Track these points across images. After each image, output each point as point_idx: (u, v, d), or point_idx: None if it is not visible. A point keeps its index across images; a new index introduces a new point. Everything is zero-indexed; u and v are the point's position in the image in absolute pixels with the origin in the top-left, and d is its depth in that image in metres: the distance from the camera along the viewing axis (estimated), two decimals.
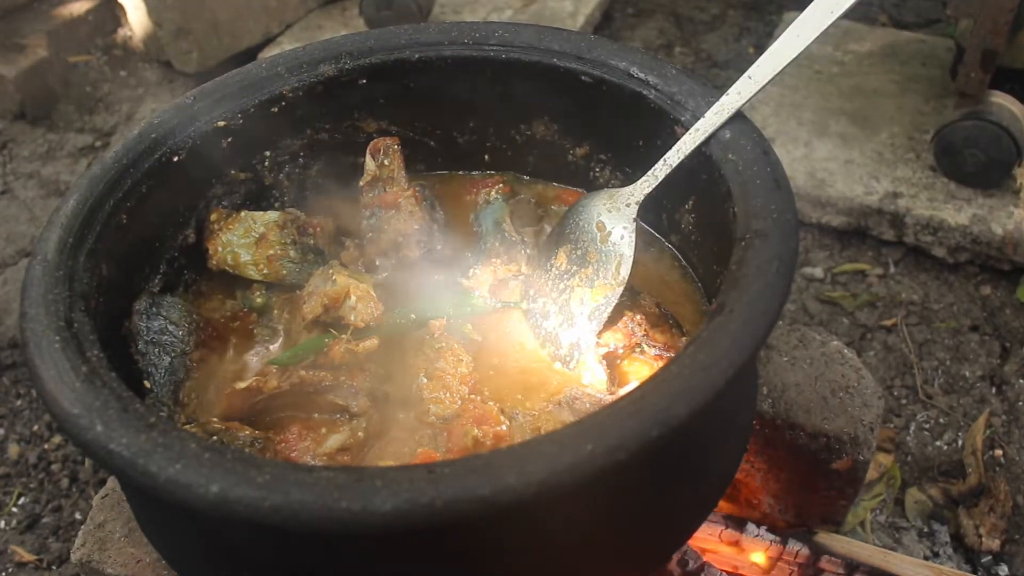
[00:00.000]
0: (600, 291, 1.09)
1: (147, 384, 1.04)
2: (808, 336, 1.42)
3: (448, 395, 1.03)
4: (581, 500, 0.79)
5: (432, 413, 1.02)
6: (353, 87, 1.24)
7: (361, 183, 1.22)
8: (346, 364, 1.05)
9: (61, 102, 2.96)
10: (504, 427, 0.99)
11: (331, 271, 1.12)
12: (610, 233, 1.10)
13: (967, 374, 1.98)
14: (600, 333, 1.08)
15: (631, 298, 1.10)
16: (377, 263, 1.19)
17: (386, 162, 1.20)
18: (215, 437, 0.94)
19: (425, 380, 1.05)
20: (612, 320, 1.08)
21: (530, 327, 1.13)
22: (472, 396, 1.04)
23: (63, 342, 0.86)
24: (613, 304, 1.08)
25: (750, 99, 1.01)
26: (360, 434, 1.00)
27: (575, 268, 1.13)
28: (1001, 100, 2.14)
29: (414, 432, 1.02)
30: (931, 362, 2.01)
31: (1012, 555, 1.66)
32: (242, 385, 1.03)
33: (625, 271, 1.08)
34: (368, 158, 1.22)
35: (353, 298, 1.09)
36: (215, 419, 1.00)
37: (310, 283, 1.13)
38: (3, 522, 1.86)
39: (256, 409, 1.02)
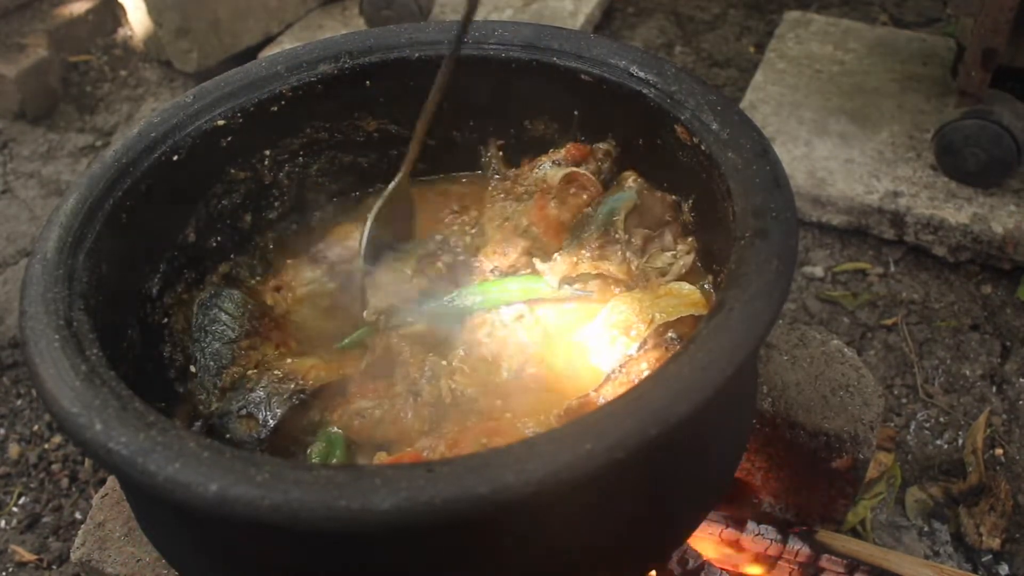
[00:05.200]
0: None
1: (192, 369, 1.09)
2: (808, 335, 1.42)
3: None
4: (580, 499, 0.79)
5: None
6: (353, 86, 1.24)
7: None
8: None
9: (61, 102, 2.96)
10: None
11: None
12: None
13: (967, 373, 1.97)
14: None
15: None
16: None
17: None
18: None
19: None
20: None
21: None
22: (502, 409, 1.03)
23: (62, 341, 0.86)
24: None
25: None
26: (376, 414, 1.02)
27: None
28: (1002, 99, 2.14)
29: (418, 433, 1.02)
30: (931, 361, 2.01)
31: (1013, 554, 1.66)
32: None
33: None
34: None
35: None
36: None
37: None
38: (3, 522, 1.86)
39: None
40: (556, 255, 1.13)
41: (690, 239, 1.13)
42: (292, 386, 1.04)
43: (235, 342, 1.11)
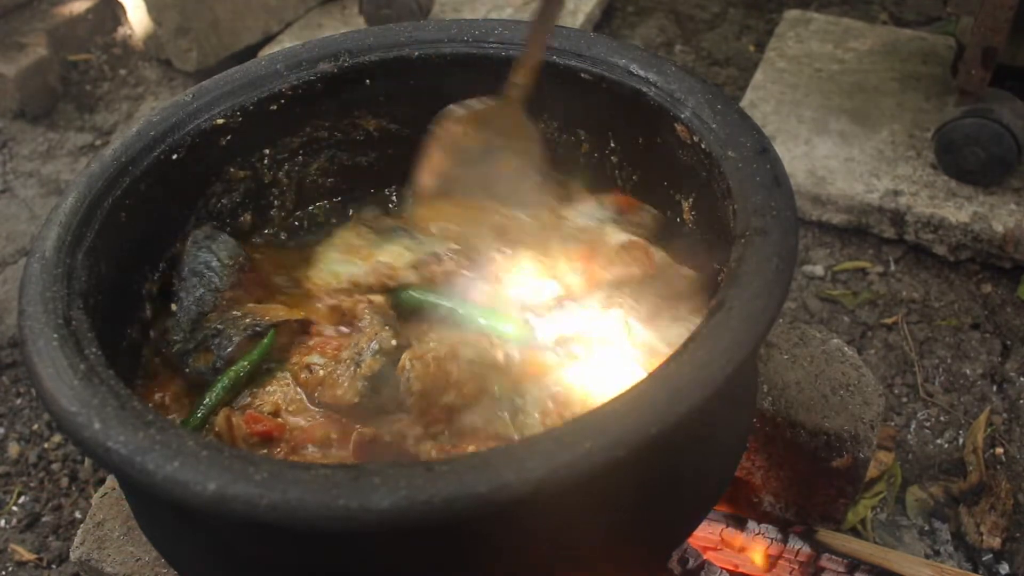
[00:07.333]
0: None
1: (173, 307, 1.10)
2: (808, 334, 1.41)
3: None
4: (580, 498, 0.79)
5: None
6: (353, 85, 1.24)
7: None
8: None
9: (61, 101, 2.96)
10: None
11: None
12: None
13: (968, 372, 1.97)
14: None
15: None
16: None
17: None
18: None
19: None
20: None
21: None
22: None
23: (61, 340, 0.86)
24: None
25: None
26: (320, 373, 1.03)
27: None
28: (1002, 98, 2.13)
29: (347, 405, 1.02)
30: (932, 360, 2.00)
31: (1013, 553, 1.65)
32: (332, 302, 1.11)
33: None
34: None
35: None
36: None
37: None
38: (3, 521, 1.86)
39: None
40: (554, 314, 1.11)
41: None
42: (248, 320, 1.07)
43: (220, 291, 1.11)
